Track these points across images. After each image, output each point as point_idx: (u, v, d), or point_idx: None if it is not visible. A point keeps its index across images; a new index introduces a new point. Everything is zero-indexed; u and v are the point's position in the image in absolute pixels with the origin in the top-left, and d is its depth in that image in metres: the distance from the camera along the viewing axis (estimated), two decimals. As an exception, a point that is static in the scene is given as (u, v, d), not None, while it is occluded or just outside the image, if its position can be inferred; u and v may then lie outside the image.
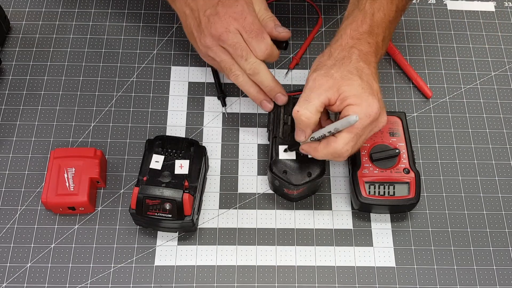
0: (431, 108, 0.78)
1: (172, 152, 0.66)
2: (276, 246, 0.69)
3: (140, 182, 0.64)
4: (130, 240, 0.68)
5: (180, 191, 0.63)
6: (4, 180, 0.71)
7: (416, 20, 0.85)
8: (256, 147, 0.75)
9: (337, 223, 0.70)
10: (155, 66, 0.80)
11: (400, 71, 0.81)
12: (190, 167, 0.65)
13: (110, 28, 0.83)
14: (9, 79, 0.78)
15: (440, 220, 0.71)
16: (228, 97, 0.78)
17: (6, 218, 0.69)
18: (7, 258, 0.67)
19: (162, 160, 0.65)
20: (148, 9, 0.84)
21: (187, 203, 0.63)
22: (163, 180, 0.64)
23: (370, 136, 0.62)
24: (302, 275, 0.67)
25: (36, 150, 0.73)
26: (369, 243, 0.69)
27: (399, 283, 0.67)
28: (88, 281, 0.66)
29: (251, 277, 0.67)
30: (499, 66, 0.82)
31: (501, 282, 0.68)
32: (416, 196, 0.67)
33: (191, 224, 0.65)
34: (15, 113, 0.76)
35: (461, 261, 0.69)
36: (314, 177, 0.66)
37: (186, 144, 0.67)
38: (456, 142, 0.76)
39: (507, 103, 0.79)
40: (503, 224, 0.71)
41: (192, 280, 0.66)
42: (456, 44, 0.83)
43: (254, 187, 0.72)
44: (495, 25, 0.85)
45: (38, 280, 0.66)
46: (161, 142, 0.67)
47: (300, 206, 0.71)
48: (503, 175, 0.74)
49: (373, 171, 0.69)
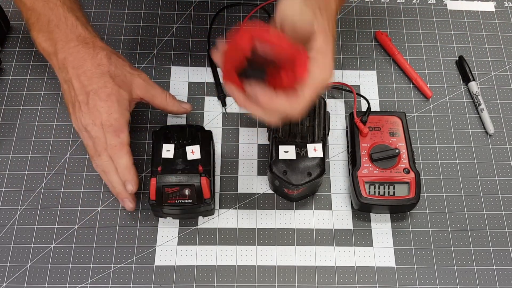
0: (431, 108, 0.78)
1: (181, 139, 0.68)
2: (276, 246, 0.69)
3: (155, 173, 0.65)
4: (130, 240, 0.68)
5: (197, 175, 0.64)
6: (4, 180, 0.71)
7: (416, 20, 0.85)
8: (256, 147, 0.75)
9: (337, 223, 0.70)
10: (155, 66, 0.80)
11: (400, 71, 0.81)
12: (201, 152, 0.67)
13: (110, 28, 0.83)
14: (9, 79, 0.78)
15: (440, 220, 0.71)
16: (228, 97, 0.78)
17: (6, 218, 0.69)
18: (7, 258, 0.67)
19: (173, 149, 0.67)
20: (148, 9, 0.84)
21: (205, 186, 0.64)
22: (178, 167, 0.65)
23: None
24: (302, 275, 0.67)
25: (36, 150, 0.73)
26: (369, 243, 0.69)
27: (399, 283, 0.67)
28: (88, 281, 0.66)
29: (251, 277, 0.67)
30: (499, 66, 0.82)
31: (501, 282, 0.68)
32: (416, 196, 0.67)
33: (211, 207, 0.67)
34: (15, 113, 0.76)
35: (461, 261, 0.69)
36: (314, 177, 0.66)
37: (193, 130, 0.69)
38: (456, 142, 0.76)
39: (507, 103, 0.79)
40: (503, 224, 0.71)
41: (192, 280, 0.66)
42: (456, 44, 0.83)
43: (254, 187, 0.72)
44: (495, 25, 0.85)
45: (38, 280, 0.66)
46: (168, 132, 0.68)
47: (300, 206, 0.71)
48: (503, 175, 0.74)
49: (373, 171, 0.69)
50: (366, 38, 0.83)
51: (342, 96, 0.79)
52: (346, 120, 0.76)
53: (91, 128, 0.64)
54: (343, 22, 0.84)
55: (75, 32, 0.66)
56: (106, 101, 0.64)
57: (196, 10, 0.84)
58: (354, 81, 0.80)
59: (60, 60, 0.65)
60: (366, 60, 0.82)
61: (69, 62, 0.65)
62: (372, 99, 0.78)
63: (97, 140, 0.64)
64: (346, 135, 0.75)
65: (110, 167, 0.65)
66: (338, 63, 0.81)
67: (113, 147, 0.64)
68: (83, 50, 0.65)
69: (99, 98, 0.64)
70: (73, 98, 0.65)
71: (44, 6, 0.65)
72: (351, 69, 0.81)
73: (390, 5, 0.86)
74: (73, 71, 0.65)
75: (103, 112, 0.64)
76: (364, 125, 0.71)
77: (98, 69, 0.65)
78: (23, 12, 0.68)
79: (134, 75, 0.67)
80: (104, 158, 0.65)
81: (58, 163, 0.72)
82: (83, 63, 0.65)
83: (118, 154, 0.64)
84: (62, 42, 0.65)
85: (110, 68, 0.65)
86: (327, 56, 0.56)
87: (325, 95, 0.78)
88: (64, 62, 0.65)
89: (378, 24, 0.85)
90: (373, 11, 0.86)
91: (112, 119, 0.64)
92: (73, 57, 0.65)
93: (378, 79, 0.80)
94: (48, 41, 0.65)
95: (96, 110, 0.64)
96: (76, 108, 0.65)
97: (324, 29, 0.56)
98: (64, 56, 0.65)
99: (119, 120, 0.64)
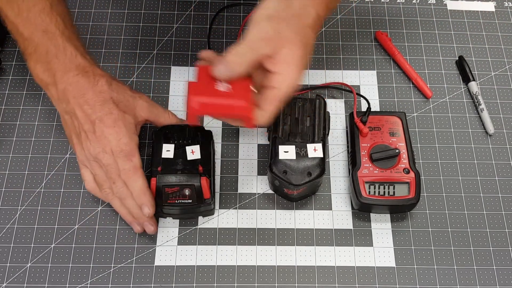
0: (431, 108, 0.78)
1: (181, 140, 0.68)
2: (276, 246, 0.69)
3: (155, 173, 0.65)
4: (130, 240, 0.68)
5: (197, 175, 0.64)
6: (4, 180, 0.71)
7: (416, 20, 0.85)
8: (256, 147, 0.75)
9: (337, 223, 0.70)
10: (155, 66, 0.80)
11: (400, 71, 0.81)
12: (200, 152, 0.67)
13: (110, 28, 0.83)
14: (9, 79, 0.78)
15: (440, 220, 0.71)
16: (228, 97, 0.78)
17: (6, 218, 0.69)
18: (7, 258, 0.67)
19: (173, 149, 0.67)
20: (148, 9, 0.84)
21: (205, 186, 0.64)
22: (178, 167, 0.65)
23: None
24: (302, 275, 0.67)
25: (36, 150, 0.73)
26: (369, 243, 0.69)
27: (399, 283, 0.67)
28: (88, 281, 0.66)
29: (251, 277, 0.67)
30: (499, 66, 0.82)
31: (501, 282, 0.68)
32: (416, 196, 0.67)
33: (211, 207, 0.67)
34: (15, 113, 0.76)
35: (461, 261, 0.69)
36: (314, 177, 0.66)
37: (192, 130, 0.68)
38: (456, 142, 0.76)
39: (507, 103, 0.79)
40: (503, 224, 0.71)
41: (192, 280, 0.66)
42: (456, 44, 0.83)
43: (254, 187, 0.72)
44: (495, 25, 0.85)
45: (38, 280, 0.66)
46: (168, 132, 0.68)
47: (300, 206, 0.71)
48: (503, 175, 0.74)
49: (373, 171, 0.69)
50: (366, 38, 0.83)
51: (342, 96, 0.79)
52: (346, 120, 0.76)
53: (102, 156, 0.63)
54: (343, 22, 0.84)
55: (74, 61, 0.65)
56: (113, 127, 0.63)
57: (196, 10, 0.84)
58: (354, 81, 0.80)
59: (60, 90, 0.64)
60: (366, 60, 0.82)
61: (70, 92, 0.64)
62: (372, 99, 0.78)
63: (109, 167, 0.64)
64: (346, 135, 0.75)
65: (126, 192, 0.65)
66: (338, 63, 0.81)
67: (127, 172, 0.64)
68: (83, 79, 0.64)
69: (106, 125, 0.63)
70: (77, 129, 0.65)
71: (43, 36, 0.64)
72: (351, 69, 0.81)
73: (390, 5, 0.86)
74: (75, 101, 0.64)
75: (112, 139, 0.63)
76: (364, 125, 0.71)
77: (100, 96, 0.64)
78: (20, 43, 0.66)
79: (136, 98, 0.67)
80: (119, 185, 0.64)
81: (58, 163, 0.72)
82: (85, 92, 0.64)
83: (132, 178, 0.64)
84: (61, 72, 0.64)
85: (112, 94, 0.65)
86: (291, 66, 0.58)
87: (325, 95, 0.78)
88: (65, 92, 0.64)
89: (378, 24, 0.85)
90: (373, 11, 0.86)
91: (122, 144, 0.63)
92: (73, 87, 0.64)
93: (378, 79, 0.80)
94: (47, 72, 0.64)
95: (104, 137, 0.63)
96: (82, 138, 0.64)
97: (289, 41, 0.58)
98: (64, 86, 0.64)
99: (129, 145, 0.64)
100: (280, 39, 0.57)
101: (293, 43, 0.58)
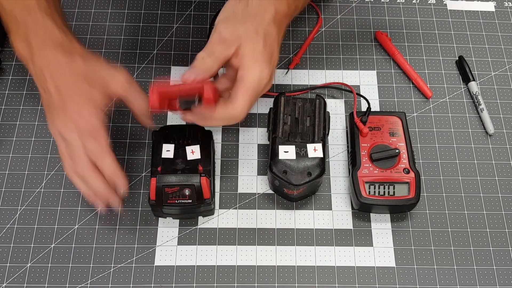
0: (431, 108, 0.78)
1: (181, 139, 0.68)
2: (276, 246, 0.69)
3: (155, 172, 0.65)
4: (130, 240, 0.68)
5: (197, 175, 0.65)
6: (4, 180, 0.71)
7: (416, 20, 0.85)
8: (256, 147, 0.75)
9: (337, 223, 0.70)
10: (155, 66, 0.80)
11: (400, 71, 0.81)
12: (200, 152, 0.67)
13: (110, 28, 0.83)
14: (9, 79, 0.78)
15: (440, 220, 0.71)
16: (228, 97, 0.78)
17: (6, 218, 0.69)
18: (7, 258, 0.67)
19: (173, 149, 0.67)
20: (148, 9, 0.84)
21: (205, 186, 0.65)
22: (178, 167, 0.66)
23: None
24: (302, 275, 0.67)
25: (36, 150, 0.73)
26: (369, 243, 0.69)
27: (399, 283, 0.67)
28: (88, 281, 0.66)
29: (251, 277, 0.67)
30: (499, 66, 0.82)
31: (501, 282, 0.68)
32: (416, 196, 0.67)
33: (211, 207, 0.67)
34: (15, 113, 0.76)
35: (461, 261, 0.69)
36: (314, 177, 0.66)
37: (193, 130, 0.69)
38: (456, 142, 0.76)
39: (507, 103, 0.79)
40: (503, 224, 0.71)
41: (192, 280, 0.66)
42: (456, 44, 0.83)
43: (254, 187, 0.72)
44: (495, 25, 0.85)
45: (38, 280, 0.66)
46: (168, 132, 0.68)
47: (300, 206, 0.71)
48: (503, 175, 0.74)
49: (373, 171, 0.69)
50: (366, 38, 0.83)
51: (342, 96, 0.79)
52: (346, 120, 0.76)
53: (67, 133, 0.63)
54: (343, 22, 0.84)
55: (52, 37, 0.64)
56: (82, 105, 0.63)
57: (196, 10, 0.85)
58: (354, 81, 0.80)
59: (37, 66, 0.64)
60: (366, 60, 0.82)
61: (46, 68, 0.63)
62: (372, 99, 0.78)
63: (72, 146, 0.63)
64: (346, 135, 0.75)
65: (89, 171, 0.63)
66: (338, 63, 0.81)
67: (93, 152, 0.63)
68: (60, 56, 0.63)
69: (75, 103, 0.62)
70: (50, 104, 0.64)
71: (22, 10, 0.63)
72: (351, 69, 0.81)
73: (390, 5, 0.86)
74: (50, 77, 0.63)
75: (78, 118, 0.62)
76: (364, 125, 0.71)
77: (74, 73, 0.63)
78: (3, 17, 0.66)
79: (112, 75, 0.65)
80: (82, 164, 0.63)
81: (58, 163, 0.72)
82: (60, 68, 0.63)
83: (100, 158, 0.63)
84: (39, 48, 0.63)
85: (87, 71, 0.64)
86: (252, 58, 0.60)
87: (325, 95, 0.78)
88: (41, 68, 0.63)
89: (378, 24, 0.85)
90: (373, 11, 0.86)
91: (88, 123, 0.62)
92: (49, 63, 0.63)
93: (378, 79, 0.80)
94: (26, 48, 0.64)
95: (71, 115, 0.62)
96: (54, 114, 0.64)
97: (245, 37, 0.60)
98: (41, 61, 0.63)
99: (95, 124, 0.63)
100: (237, 38, 0.60)
101: (250, 38, 0.60)
